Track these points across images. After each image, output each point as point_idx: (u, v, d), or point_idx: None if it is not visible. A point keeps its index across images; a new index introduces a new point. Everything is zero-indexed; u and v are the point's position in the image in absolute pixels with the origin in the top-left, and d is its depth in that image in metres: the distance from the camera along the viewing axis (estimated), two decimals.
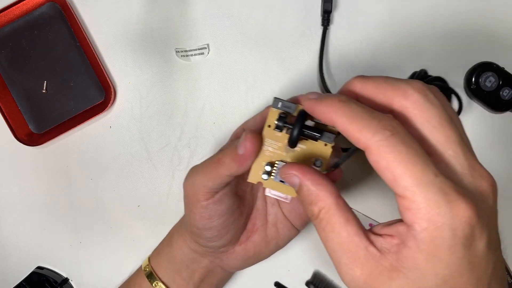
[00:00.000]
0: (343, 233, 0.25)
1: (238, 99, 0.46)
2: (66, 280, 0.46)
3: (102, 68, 0.45)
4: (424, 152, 0.23)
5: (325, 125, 0.30)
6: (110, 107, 0.46)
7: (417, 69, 0.46)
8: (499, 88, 0.44)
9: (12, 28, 0.46)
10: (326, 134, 0.30)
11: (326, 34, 0.45)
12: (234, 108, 0.46)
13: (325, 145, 0.31)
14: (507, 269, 0.43)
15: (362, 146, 0.24)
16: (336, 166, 0.30)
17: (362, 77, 0.27)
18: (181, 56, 0.46)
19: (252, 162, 0.31)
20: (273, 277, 0.46)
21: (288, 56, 0.46)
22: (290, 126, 0.30)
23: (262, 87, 0.46)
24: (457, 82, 0.46)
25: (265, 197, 0.39)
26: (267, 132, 0.31)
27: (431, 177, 0.22)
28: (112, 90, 0.45)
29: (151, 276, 0.40)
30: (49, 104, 0.46)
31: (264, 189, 0.33)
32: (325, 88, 0.44)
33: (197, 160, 0.46)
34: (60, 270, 0.47)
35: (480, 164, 0.25)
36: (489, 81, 0.44)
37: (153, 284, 0.40)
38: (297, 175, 0.27)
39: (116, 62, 0.47)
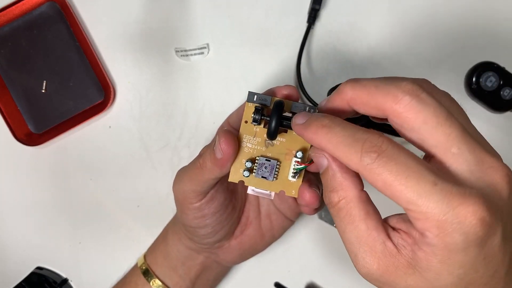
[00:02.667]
0: (362, 226, 0.24)
1: (238, 99, 0.46)
2: (65, 281, 0.46)
3: (102, 68, 0.45)
4: (419, 161, 0.22)
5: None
6: (109, 107, 0.46)
7: (418, 69, 0.45)
8: (499, 88, 0.44)
9: (12, 28, 0.46)
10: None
11: (311, 32, 0.46)
12: (234, 108, 0.46)
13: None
14: None
15: (354, 169, 0.23)
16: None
17: (352, 82, 0.26)
18: (181, 56, 0.46)
19: (233, 162, 0.31)
20: (273, 277, 0.46)
21: (288, 56, 0.46)
22: (267, 118, 0.29)
23: (262, 87, 0.46)
24: (457, 82, 0.45)
25: None
26: (245, 128, 0.31)
27: (429, 187, 0.22)
28: (112, 90, 0.45)
29: (147, 273, 0.40)
30: (49, 104, 0.46)
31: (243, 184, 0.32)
32: (300, 85, 0.44)
33: None
34: (59, 270, 0.46)
35: (491, 153, 0.24)
36: (489, 81, 0.44)
37: (150, 282, 0.40)
38: (327, 157, 0.26)
39: (116, 62, 0.47)
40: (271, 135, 0.30)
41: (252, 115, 0.30)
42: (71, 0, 0.47)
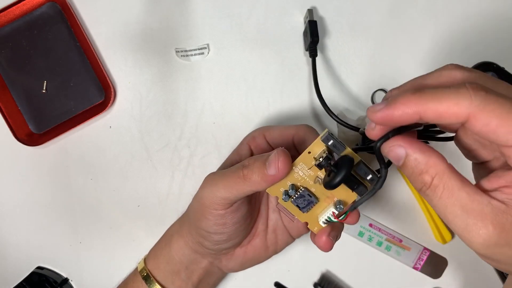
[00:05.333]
0: (463, 194, 0.24)
1: (238, 99, 0.46)
2: (66, 280, 0.46)
3: (102, 68, 0.45)
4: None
5: (362, 179, 0.30)
6: (110, 107, 0.46)
7: (418, 69, 0.46)
8: None
9: (12, 28, 0.46)
10: (361, 187, 0.30)
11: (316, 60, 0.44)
12: (234, 108, 0.46)
13: (351, 192, 0.31)
14: None
15: (463, 117, 0.22)
16: (352, 209, 0.31)
17: (413, 94, 0.24)
18: (181, 56, 0.46)
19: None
20: (273, 277, 0.46)
21: (288, 56, 0.46)
22: (334, 170, 0.29)
23: (262, 87, 0.46)
24: None
25: (267, 202, 0.39)
26: (305, 157, 0.31)
27: None
28: (112, 90, 0.45)
29: (148, 278, 0.40)
30: (49, 104, 0.46)
31: (276, 198, 0.33)
32: (330, 113, 0.42)
33: (197, 160, 0.46)
34: (60, 270, 0.46)
35: None
36: None
37: (151, 287, 0.39)
38: (403, 146, 0.25)
39: (116, 62, 0.47)
40: (331, 187, 0.30)
41: (321, 159, 0.30)
42: (71, 1, 0.47)
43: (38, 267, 0.46)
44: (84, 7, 0.47)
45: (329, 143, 0.29)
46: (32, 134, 0.46)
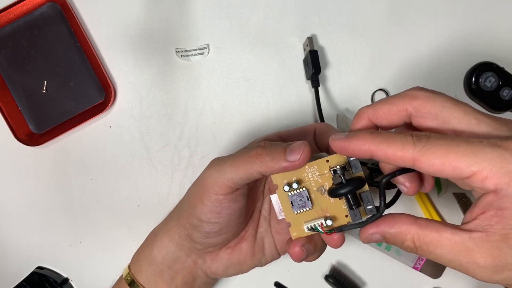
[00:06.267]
0: (444, 241, 0.26)
1: (238, 99, 0.46)
2: (66, 280, 0.46)
3: (102, 68, 0.45)
4: (454, 135, 0.26)
5: (362, 204, 0.31)
6: (110, 107, 0.46)
7: (418, 69, 0.46)
8: (499, 88, 0.44)
9: (12, 28, 0.46)
10: (357, 211, 0.31)
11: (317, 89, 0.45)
12: (234, 108, 0.46)
13: (346, 216, 0.32)
14: None
15: (409, 160, 0.25)
16: (339, 230, 0.32)
17: (367, 106, 0.30)
18: (181, 56, 0.46)
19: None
20: (273, 277, 0.46)
21: (288, 56, 0.46)
22: (343, 182, 0.31)
23: (262, 87, 0.46)
24: (457, 82, 0.46)
25: (261, 208, 0.38)
26: (320, 163, 0.31)
27: (478, 145, 0.24)
28: (112, 90, 0.45)
29: (133, 284, 0.38)
30: (49, 104, 0.46)
31: (274, 188, 0.33)
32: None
33: (197, 160, 0.46)
34: (60, 270, 0.46)
35: (497, 117, 0.27)
36: (489, 81, 0.44)
37: None
38: (374, 232, 0.29)
39: (116, 62, 0.47)
40: (334, 195, 0.31)
41: (338, 167, 0.31)
42: (71, 1, 0.47)
43: (38, 267, 0.46)
44: (84, 7, 0.47)
45: (351, 159, 0.31)
46: (32, 134, 0.46)
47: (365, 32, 0.46)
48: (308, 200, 0.32)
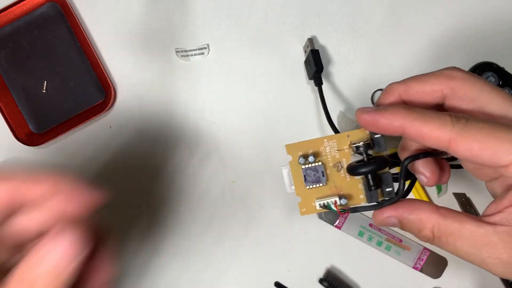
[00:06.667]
0: (466, 234, 0.24)
1: (238, 99, 0.46)
2: None
3: (102, 68, 0.45)
4: (492, 119, 0.25)
5: (381, 185, 0.29)
6: (110, 107, 0.46)
7: (418, 69, 0.46)
8: None
9: (12, 28, 0.46)
10: (375, 193, 0.29)
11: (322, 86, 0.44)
12: (234, 108, 0.46)
13: (361, 196, 0.30)
14: None
15: (445, 141, 0.24)
16: (353, 210, 0.30)
17: (398, 82, 0.27)
18: (181, 56, 0.46)
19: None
20: (273, 277, 0.46)
21: (288, 56, 0.46)
22: (365, 160, 0.29)
23: (262, 87, 0.46)
24: None
25: None
26: (341, 137, 0.29)
27: None
28: (112, 90, 0.45)
29: None
30: (49, 104, 0.46)
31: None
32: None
33: (197, 160, 0.46)
34: None
35: None
36: (489, 81, 0.44)
37: None
38: (391, 216, 0.27)
39: (116, 62, 0.47)
40: (353, 173, 0.29)
41: (362, 143, 0.28)
42: (71, 1, 0.47)
43: None
44: (84, 7, 0.47)
45: (376, 136, 0.28)
46: (32, 134, 0.46)
47: (365, 32, 0.46)
48: (324, 176, 0.30)
